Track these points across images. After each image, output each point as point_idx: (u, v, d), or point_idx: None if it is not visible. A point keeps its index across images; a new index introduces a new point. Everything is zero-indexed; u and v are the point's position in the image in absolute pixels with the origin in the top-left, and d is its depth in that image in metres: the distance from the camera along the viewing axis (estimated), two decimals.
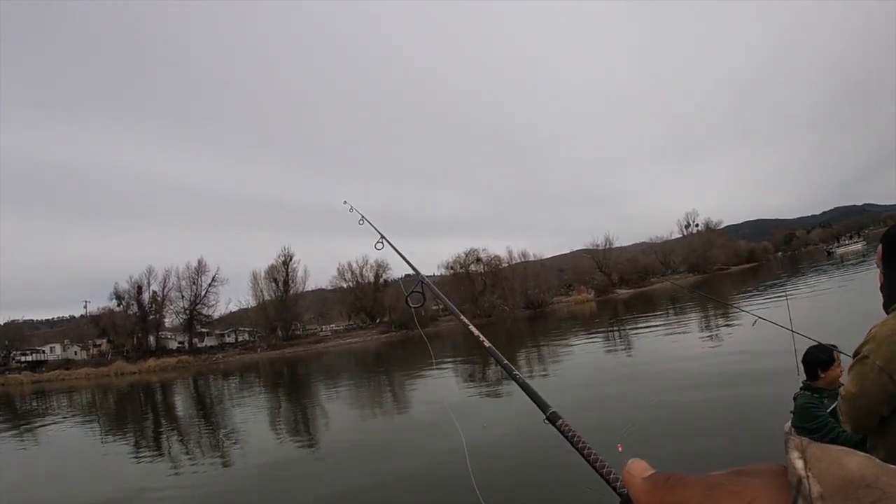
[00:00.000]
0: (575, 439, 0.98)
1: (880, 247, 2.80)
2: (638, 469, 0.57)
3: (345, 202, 4.09)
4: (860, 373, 2.60)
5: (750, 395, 11.40)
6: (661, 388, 13.67)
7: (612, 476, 0.85)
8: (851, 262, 58.94)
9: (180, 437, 18.20)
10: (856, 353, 2.70)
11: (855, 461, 0.42)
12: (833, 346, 4.70)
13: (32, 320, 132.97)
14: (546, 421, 1.21)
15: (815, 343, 4.86)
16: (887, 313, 2.70)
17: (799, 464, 0.43)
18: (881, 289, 2.81)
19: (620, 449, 12.23)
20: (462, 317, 2.11)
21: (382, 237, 3.26)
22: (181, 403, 32.86)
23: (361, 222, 3.67)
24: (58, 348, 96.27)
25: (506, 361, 1.64)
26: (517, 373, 1.51)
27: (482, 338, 1.86)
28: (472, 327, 1.96)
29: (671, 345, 22.01)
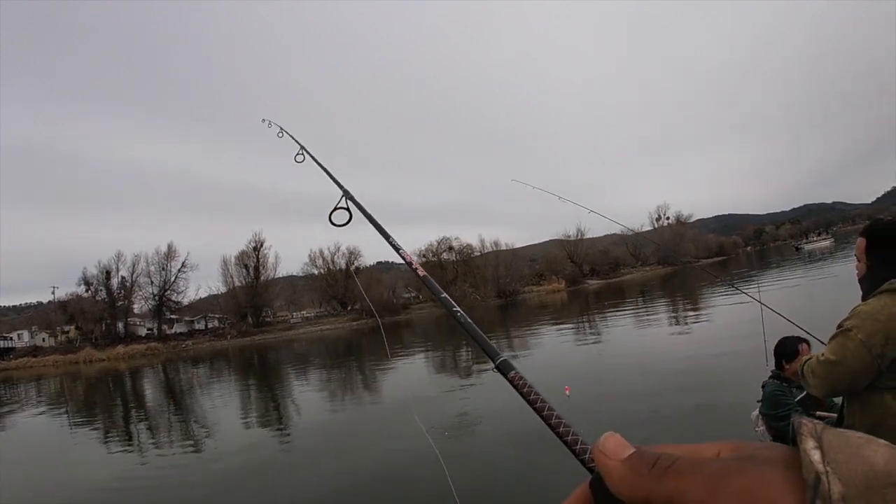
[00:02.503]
0: (531, 397, 0.84)
1: (863, 240, 2.96)
2: (613, 447, 0.44)
3: (262, 120, 3.87)
4: (842, 343, 2.78)
5: (717, 382, 11.64)
6: (631, 375, 13.89)
7: (579, 446, 0.70)
8: (819, 258, 59.98)
9: (149, 427, 18.05)
10: (839, 326, 2.86)
11: (880, 453, 0.35)
12: (804, 339, 4.85)
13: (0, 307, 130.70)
14: (495, 370, 1.05)
15: (784, 320, 4.99)
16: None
17: (815, 456, 0.36)
18: (860, 280, 2.99)
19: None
20: (393, 239, 2.00)
21: (302, 148, 3.03)
22: (150, 392, 32.52)
23: (280, 135, 3.42)
24: (25, 335, 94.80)
25: (444, 295, 1.47)
26: (460, 312, 1.35)
27: (416, 265, 1.74)
28: (403, 252, 1.84)
29: (640, 333, 22.32)
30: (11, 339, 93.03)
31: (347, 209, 2.05)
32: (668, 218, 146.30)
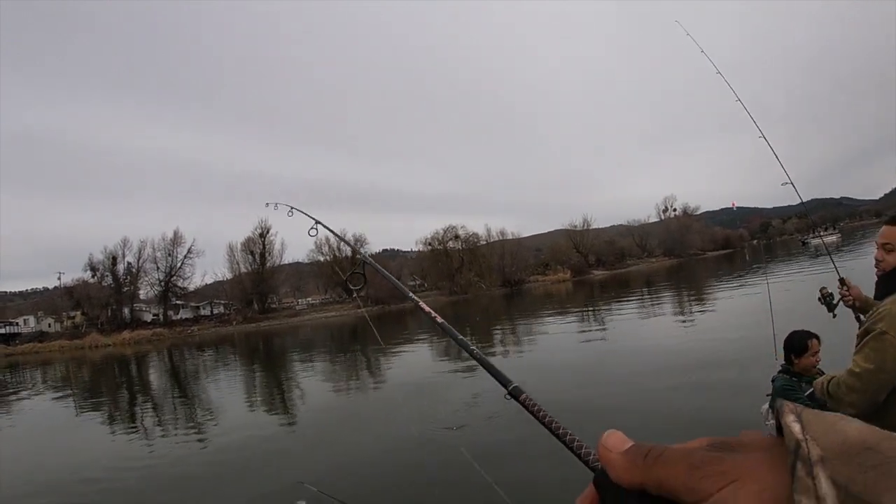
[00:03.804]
0: (541, 414, 0.93)
1: (889, 228, 2.89)
2: (614, 442, 0.52)
3: (266, 204, 3.81)
4: (878, 348, 2.67)
5: (726, 375, 11.57)
6: (636, 370, 13.81)
7: (583, 451, 0.80)
8: (826, 253, 59.82)
9: (155, 412, 18.11)
10: (867, 331, 2.78)
11: (853, 426, 0.40)
12: (814, 334, 4.79)
13: (6, 292, 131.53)
14: (508, 396, 1.14)
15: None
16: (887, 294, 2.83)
17: (796, 427, 0.41)
18: (882, 272, 2.92)
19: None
20: (410, 294, 2.06)
21: (317, 222, 3.02)
22: (156, 377, 32.63)
23: (291, 213, 3.41)
24: (31, 320, 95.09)
25: (461, 337, 1.55)
26: (475, 349, 1.44)
27: (434, 314, 1.78)
28: (422, 304, 1.90)
29: (646, 326, 22.26)
30: (17, 324, 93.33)
31: (363, 273, 2.16)
32: (674, 210, 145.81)
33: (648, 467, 0.47)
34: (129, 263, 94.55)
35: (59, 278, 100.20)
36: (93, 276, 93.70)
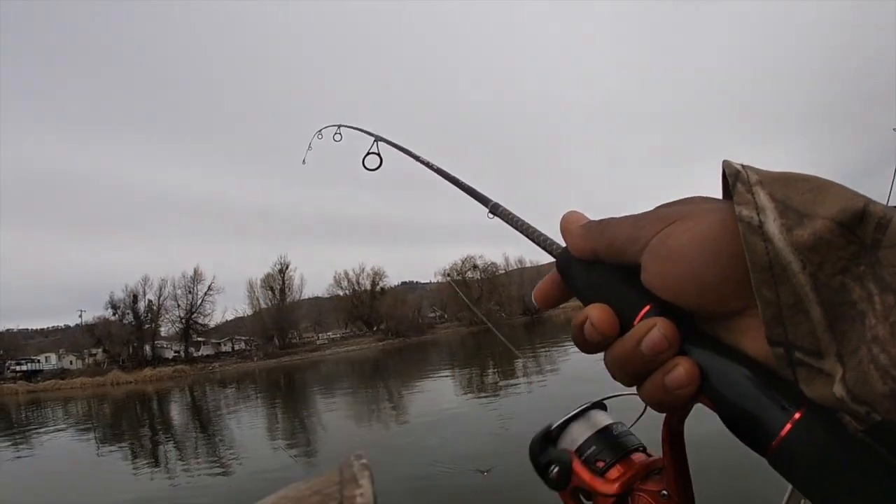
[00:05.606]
0: (518, 223, 0.91)
1: None
2: (574, 217, 0.57)
3: (309, 148, 2.99)
4: None
5: None
6: None
7: (549, 243, 0.80)
8: None
9: (177, 450, 17.97)
10: None
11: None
12: None
13: (27, 329, 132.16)
14: (490, 215, 1.07)
15: None
16: None
17: (736, 164, 0.43)
18: None
19: None
20: (425, 158, 1.81)
21: (377, 139, 2.56)
22: (178, 414, 32.60)
23: (338, 136, 2.58)
24: (53, 358, 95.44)
25: (437, 166, 1.41)
26: (448, 172, 1.34)
27: (440, 167, 1.60)
28: (435, 164, 1.70)
29: None
30: (39, 361, 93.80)
31: (378, 154, 1.98)
32: None
33: (601, 231, 0.52)
34: (149, 301, 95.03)
35: (80, 316, 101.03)
36: (114, 314, 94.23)
